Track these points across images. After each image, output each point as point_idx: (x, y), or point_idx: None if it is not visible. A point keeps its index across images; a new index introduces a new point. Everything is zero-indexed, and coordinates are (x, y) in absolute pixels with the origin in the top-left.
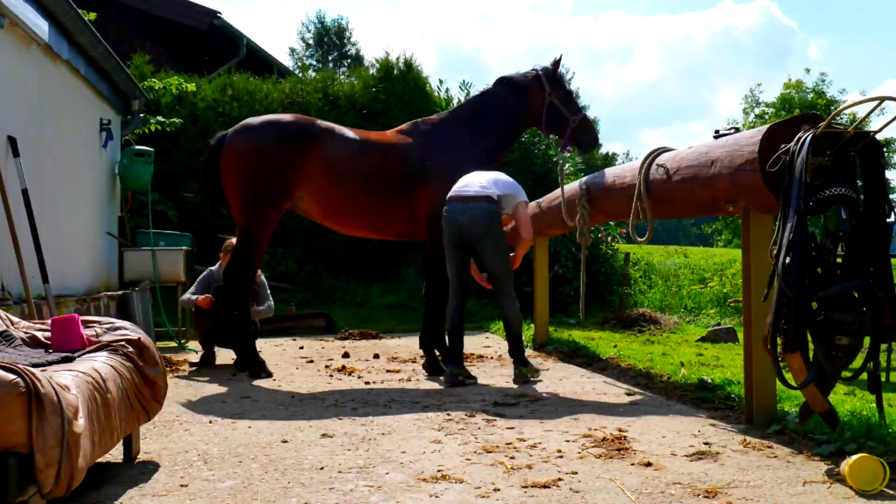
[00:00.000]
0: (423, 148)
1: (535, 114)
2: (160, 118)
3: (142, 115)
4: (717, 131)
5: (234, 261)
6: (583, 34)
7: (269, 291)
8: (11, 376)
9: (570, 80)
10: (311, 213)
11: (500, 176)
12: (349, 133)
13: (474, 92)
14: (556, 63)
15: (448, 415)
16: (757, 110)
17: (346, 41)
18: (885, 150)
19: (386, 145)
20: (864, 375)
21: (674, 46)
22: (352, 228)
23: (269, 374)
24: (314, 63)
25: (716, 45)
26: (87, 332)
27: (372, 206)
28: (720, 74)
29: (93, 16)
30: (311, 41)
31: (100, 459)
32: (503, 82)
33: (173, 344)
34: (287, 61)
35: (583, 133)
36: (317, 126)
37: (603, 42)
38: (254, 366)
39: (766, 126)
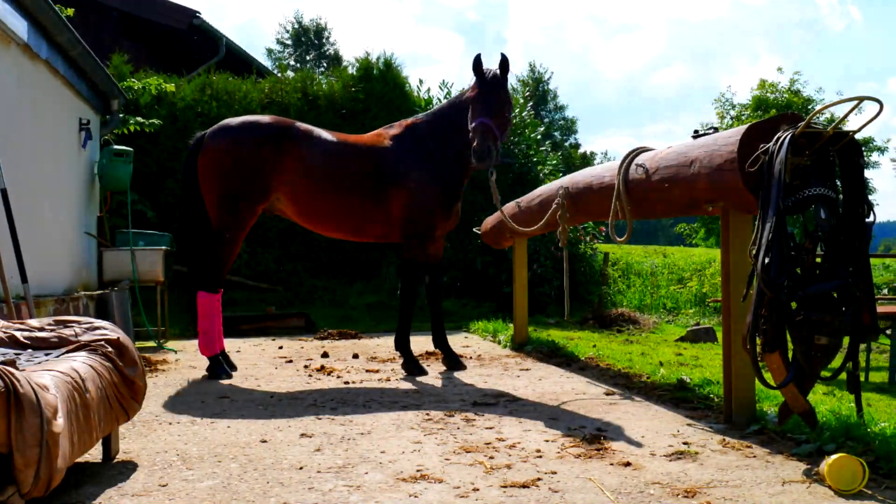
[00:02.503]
0: (399, 150)
1: None
2: (139, 119)
3: (121, 115)
4: (695, 131)
5: (206, 260)
6: (590, 8)
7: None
8: None
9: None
10: (289, 214)
11: None
12: (326, 135)
13: (455, 92)
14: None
15: (427, 414)
16: (733, 112)
17: (324, 41)
18: (863, 149)
19: (361, 147)
20: (844, 375)
21: (684, 26)
22: (329, 230)
23: (229, 376)
24: (293, 63)
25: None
26: (65, 332)
27: (348, 209)
28: (733, 57)
29: (70, 11)
30: (289, 41)
31: (79, 459)
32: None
33: (152, 344)
34: (266, 61)
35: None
36: (294, 128)
37: (612, 19)
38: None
39: (745, 126)
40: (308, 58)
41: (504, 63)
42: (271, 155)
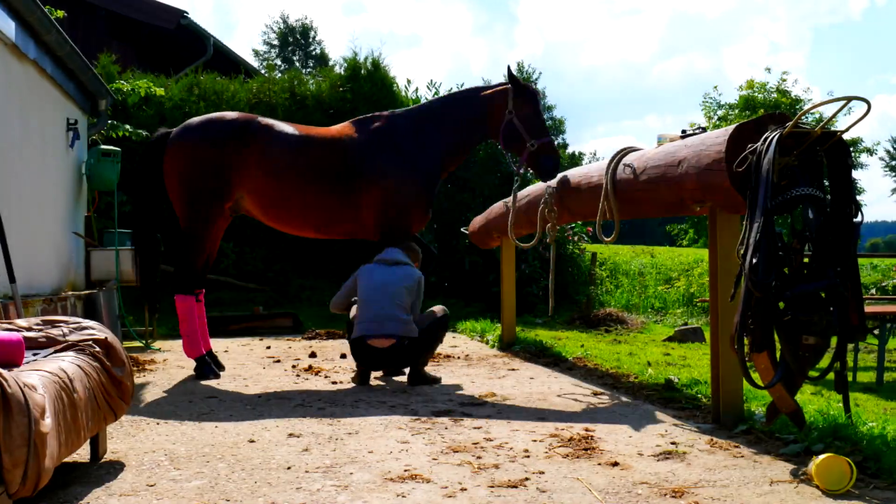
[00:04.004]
0: (368, 144)
1: (495, 129)
2: (128, 127)
3: (108, 116)
4: (683, 131)
5: (177, 262)
6: None
7: None
8: None
9: (542, 98)
10: (253, 212)
11: None
12: (287, 128)
13: (443, 91)
14: (511, 76)
15: (415, 414)
16: (720, 112)
17: (311, 40)
18: (851, 149)
19: (326, 140)
20: (832, 375)
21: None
22: (292, 227)
23: (217, 375)
24: (279, 63)
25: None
26: (53, 332)
27: (310, 204)
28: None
29: (60, 13)
30: (275, 41)
31: (67, 459)
32: (471, 91)
33: (139, 343)
34: (253, 61)
35: (542, 158)
36: (254, 123)
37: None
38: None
39: (733, 126)
40: (295, 58)
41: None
42: (230, 152)
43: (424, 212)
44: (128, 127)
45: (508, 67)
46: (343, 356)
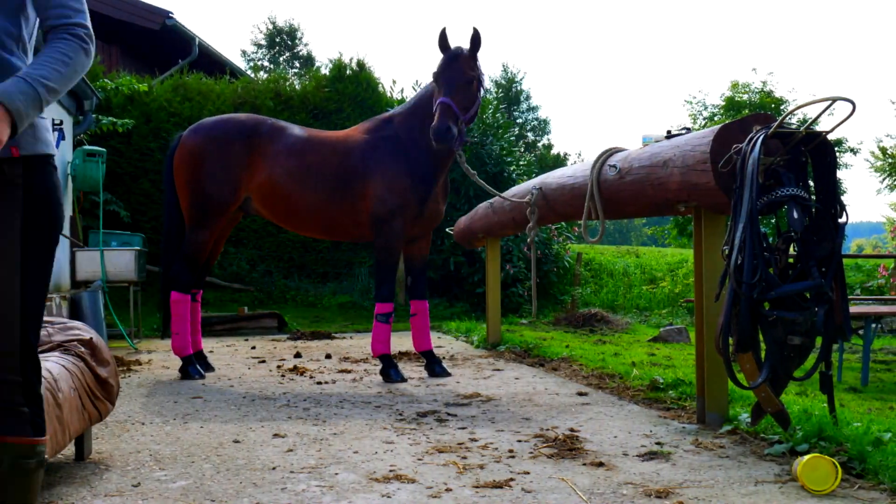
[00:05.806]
0: (367, 144)
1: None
2: (112, 118)
3: (93, 115)
4: (668, 132)
5: (178, 259)
6: None
7: None
8: None
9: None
10: (261, 213)
11: None
12: (296, 131)
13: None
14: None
15: (400, 415)
16: (706, 113)
17: (297, 41)
18: (836, 150)
19: (329, 142)
20: (817, 375)
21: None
22: (300, 229)
23: (202, 376)
24: (266, 63)
25: None
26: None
27: (315, 206)
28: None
29: None
30: (263, 41)
31: (51, 460)
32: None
33: (125, 344)
34: (240, 62)
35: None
36: (266, 124)
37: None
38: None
39: (718, 126)
40: (281, 58)
41: (475, 38)
42: (240, 152)
43: (416, 209)
44: (112, 118)
45: (474, 28)
46: (328, 356)
